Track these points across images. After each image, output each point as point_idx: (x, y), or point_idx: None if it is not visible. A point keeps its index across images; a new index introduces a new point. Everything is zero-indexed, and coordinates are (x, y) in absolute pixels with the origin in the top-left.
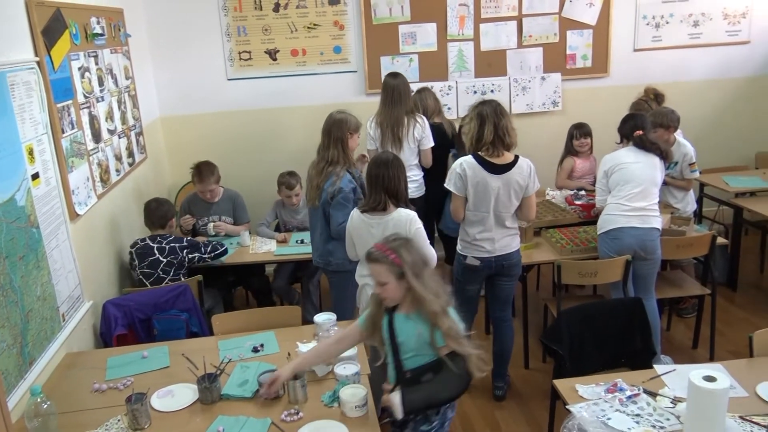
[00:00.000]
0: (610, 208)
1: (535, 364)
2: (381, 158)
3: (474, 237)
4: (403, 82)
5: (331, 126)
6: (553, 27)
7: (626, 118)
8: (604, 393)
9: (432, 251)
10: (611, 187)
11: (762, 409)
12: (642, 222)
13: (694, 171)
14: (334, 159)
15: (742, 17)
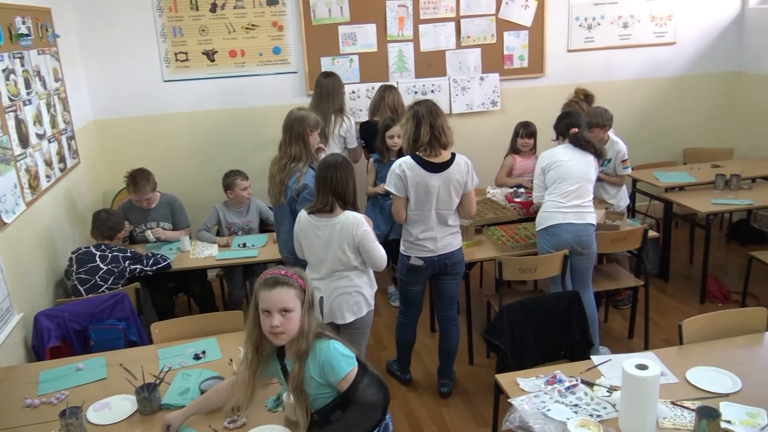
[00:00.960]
0: (548, 206)
1: (480, 359)
2: (330, 160)
3: (417, 237)
4: (334, 81)
5: (292, 123)
6: (491, 28)
7: (562, 116)
8: (544, 385)
9: (382, 252)
10: (548, 184)
11: (691, 394)
12: (578, 218)
13: (627, 168)
14: (296, 155)
15: (668, 19)
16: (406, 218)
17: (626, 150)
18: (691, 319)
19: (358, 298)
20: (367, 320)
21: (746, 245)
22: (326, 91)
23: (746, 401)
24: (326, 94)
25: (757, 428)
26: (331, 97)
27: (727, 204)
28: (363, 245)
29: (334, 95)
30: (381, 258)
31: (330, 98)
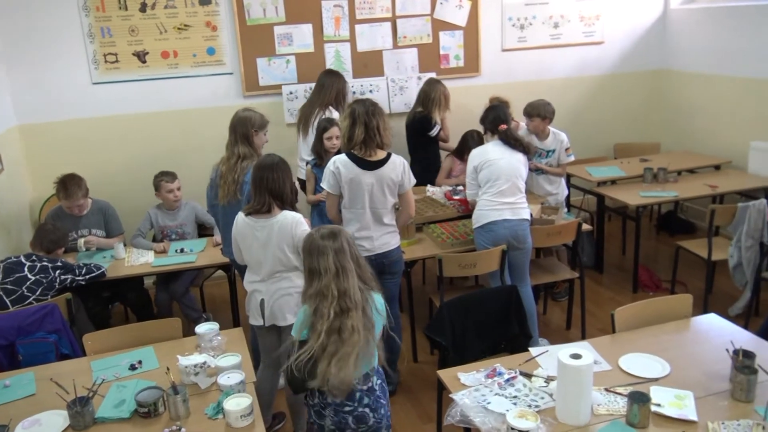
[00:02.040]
0: (483, 204)
1: (424, 356)
2: (266, 161)
3: (353, 236)
4: (330, 78)
5: (237, 123)
6: (426, 28)
7: (488, 110)
8: (484, 378)
9: None
10: (481, 183)
11: (624, 380)
12: (513, 214)
13: (570, 155)
14: (245, 155)
15: (596, 20)
16: (340, 217)
17: (568, 139)
18: (622, 308)
19: (299, 300)
20: None
21: (674, 235)
22: (318, 86)
23: (674, 384)
24: (318, 89)
25: (685, 409)
26: (323, 92)
27: (655, 196)
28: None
29: (326, 91)
30: None
31: (320, 93)
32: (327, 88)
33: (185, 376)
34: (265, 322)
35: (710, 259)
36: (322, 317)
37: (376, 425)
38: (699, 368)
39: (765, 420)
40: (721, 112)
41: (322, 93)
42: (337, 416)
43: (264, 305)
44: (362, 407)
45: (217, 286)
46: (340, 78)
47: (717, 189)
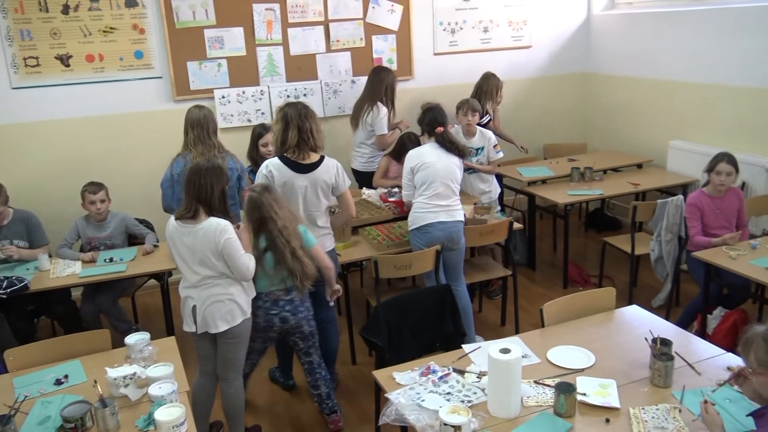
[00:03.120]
0: (419, 206)
1: (362, 358)
2: (198, 166)
3: None
4: (379, 74)
5: (201, 120)
6: (359, 32)
7: (425, 111)
8: (418, 377)
9: (248, 263)
10: (417, 185)
11: (552, 372)
12: (448, 216)
13: (499, 152)
14: (218, 145)
15: (524, 24)
16: None
17: (494, 137)
18: (550, 303)
19: (231, 306)
20: (242, 329)
21: (602, 232)
22: (368, 82)
23: (599, 374)
24: (368, 85)
25: (608, 397)
26: (372, 88)
27: (582, 194)
28: (226, 253)
29: (375, 86)
30: (246, 268)
31: (369, 89)
32: (377, 84)
33: (114, 389)
34: (197, 328)
35: (633, 253)
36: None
37: (296, 324)
38: (621, 357)
39: (681, 403)
40: (642, 113)
41: (372, 88)
42: (266, 316)
43: (196, 311)
44: (284, 312)
45: (149, 295)
46: (389, 73)
47: (639, 186)
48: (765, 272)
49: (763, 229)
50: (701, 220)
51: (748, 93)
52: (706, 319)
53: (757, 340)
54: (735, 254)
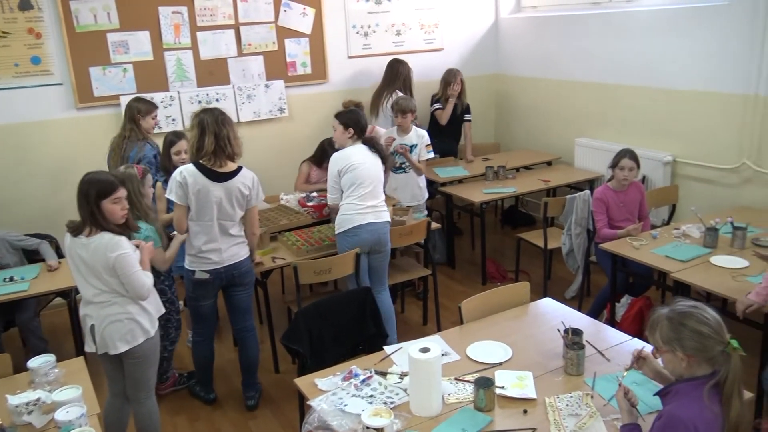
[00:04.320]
0: (347, 209)
1: (286, 366)
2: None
3: (200, 249)
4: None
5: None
6: (271, 35)
7: (352, 111)
8: (341, 382)
9: (143, 280)
10: (344, 187)
11: (472, 368)
12: (376, 217)
13: (430, 152)
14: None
15: (435, 27)
16: (187, 229)
17: (428, 137)
18: (468, 300)
19: (131, 326)
20: (146, 349)
21: (517, 228)
22: (388, 72)
23: (516, 366)
24: (388, 74)
25: (525, 389)
26: (390, 77)
27: (496, 193)
28: (119, 270)
29: (394, 76)
30: (141, 286)
31: (387, 78)
32: (394, 75)
33: (16, 417)
34: (97, 349)
35: (546, 247)
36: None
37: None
38: (536, 349)
39: (593, 389)
40: (550, 113)
41: (390, 79)
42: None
43: (95, 331)
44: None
45: (56, 314)
46: (404, 65)
47: (549, 183)
48: (665, 260)
49: (663, 219)
50: (607, 214)
51: (645, 92)
52: (615, 307)
53: (661, 321)
54: (638, 244)
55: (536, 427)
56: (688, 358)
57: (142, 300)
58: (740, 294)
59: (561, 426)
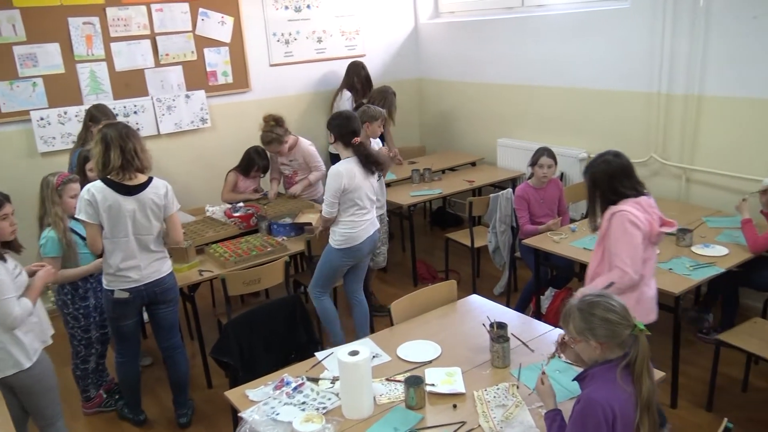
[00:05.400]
0: (350, 225)
1: (219, 381)
2: None
3: (117, 267)
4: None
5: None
6: (189, 45)
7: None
8: (272, 391)
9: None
10: (343, 203)
11: (402, 368)
12: (373, 227)
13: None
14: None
15: (356, 34)
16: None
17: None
18: (397, 301)
19: (1, 355)
20: (22, 380)
21: (446, 229)
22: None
23: (445, 363)
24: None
25: (455, 384)
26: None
27: (423, 195)
28: None
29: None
30: (6, 315)
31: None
32: (347, 75)
33: None
34: None
35: (473, 246)
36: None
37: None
38: (465, 345)
39: (519, 380)
40: (472, 115)
41: (344, 79)
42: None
43: None
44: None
45: None
46: (356, 65)
47: (474, 183)
48: (584, 252)
49: (581, 213)
50: (528, 210)
51: (561, 92)
52: (540, 300)
53: (573, 311)
54: (558, 239)
55: (466, 420)
56: (601, 345)
57: (12, 329)
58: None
59: (489, 417)
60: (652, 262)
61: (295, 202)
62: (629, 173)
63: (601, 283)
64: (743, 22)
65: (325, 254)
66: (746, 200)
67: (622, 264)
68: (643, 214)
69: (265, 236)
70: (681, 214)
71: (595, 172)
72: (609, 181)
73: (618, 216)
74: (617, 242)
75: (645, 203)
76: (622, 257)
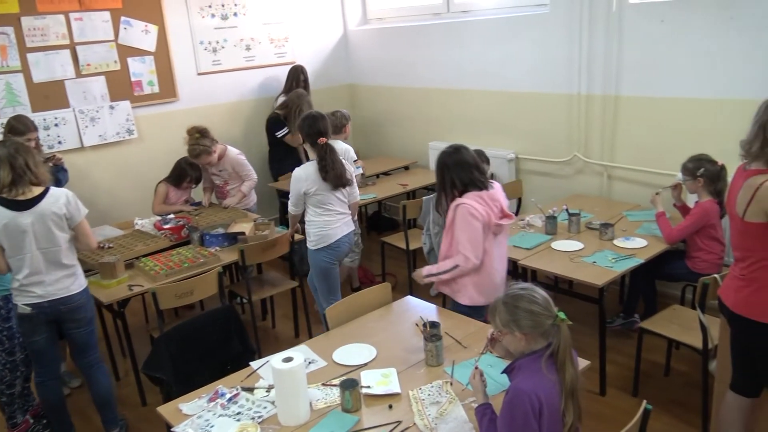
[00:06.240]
0: (322, 224)
1: (154, 398)
2: None
3: (21, 282)
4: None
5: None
6: (112, 54)
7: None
8: (206, 403)
9: None
10: (310, 204)
11: (338, 372)
12: (348, 226)
13: (359, 168)
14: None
15: (286, 41)
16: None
17: (352, 151)
18: (332, 306)
19: None
20: None
21: (382, 233)
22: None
23: (381, 365)
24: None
25: (390, 385)
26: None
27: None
28: None
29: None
30: None
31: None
32: (287, 79)
33: None
34: None
35: (408, 248)
36: None
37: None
38: (399, 346)
39: (452, 377)
40: (403, 119)
41: (285, 83)
42: None
43: None
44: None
45: None
46: (297, 69)
47: (407, 186)
48: (513, 249)
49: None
50: None
51: (489, 95)
52: None
53: (499, 306)
54: None
55: (401, 419)
56: (525, 336)
57: None
58: (579, 273)
59: (424, 415)
60: (499, 250)
61: (228, 212)
62: (465, 166)
63: (448, 265)
64: (653, 25)
65: (311, 266)
66: (659, 194)
67: (464, 250)
68: (483, 207)
69: (197, 247)
70: (604, 210)
71: (437, 164)
72: (446, 172)
73: (460, 208)
74: (460, 231)
75: (487, 196)
76: (464, 244)
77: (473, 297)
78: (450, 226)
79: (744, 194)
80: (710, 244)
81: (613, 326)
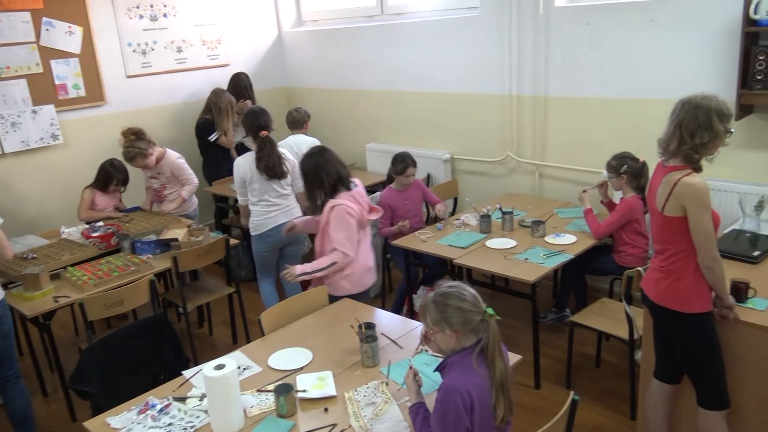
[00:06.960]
0: (258, 213)
1: (85, 413)
2: None
3: None
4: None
5: None
6: (33, 57)
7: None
8: (136, 416)
9: None
10: (252, 193)
11: (274, 377)
12: (287, 216)
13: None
14: None
15: (219, 43)
16: None
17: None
18: (267, 311)
19: None
20: None
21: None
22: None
23: (317, 368)
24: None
25: (326, 388)
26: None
27: None
28: None
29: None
30: None
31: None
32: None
33: None
34: None
35: None
36: None
37: None
38: (335, 348)
39: (388, 377)
40: (341, 121)
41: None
42: None
43: None
44: None
45: None
46: (237, 77)
47: None
48: (449, 249)
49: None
50: (396, 213)
51: (424, 97)
52: (413, 299)
53: (429, 304)
54: (425, 237)
55: (337, 422)
56: (456, 333)
57: None
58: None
59: (359, 416)
60: (366, 241)
61: (161, 218)
62: (334, 166)
63: (324, 262)
64: (578, 28)
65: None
66: (586, 192)
67: (342, 247)
68: (356, 205)
69: (128, 255)
70: (536, 208)
71: (306, 166)
72: (319, 172)
73: (337, 209)
74: (336, 231)
75: (357, 195)
76: (342, 242)
77: (346, 288)
78: (324, 227)
79: (663, 190)
80: (635, 239)
81: (546, 321)
